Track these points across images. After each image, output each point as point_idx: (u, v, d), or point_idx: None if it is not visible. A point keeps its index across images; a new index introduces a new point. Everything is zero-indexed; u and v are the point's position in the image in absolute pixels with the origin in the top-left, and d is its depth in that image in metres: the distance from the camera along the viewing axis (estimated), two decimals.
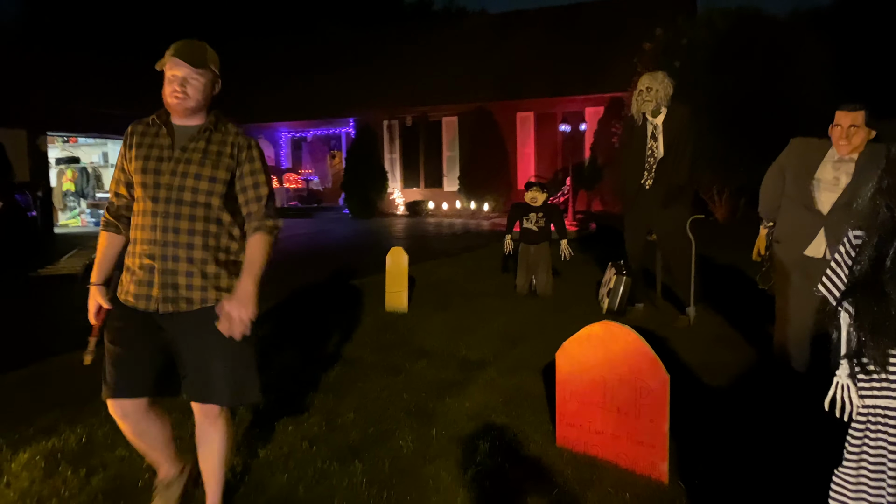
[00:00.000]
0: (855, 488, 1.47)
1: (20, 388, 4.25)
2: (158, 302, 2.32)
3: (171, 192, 2.32)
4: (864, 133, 3.78)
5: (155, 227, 2.31)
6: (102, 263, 2.45)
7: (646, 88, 5.58)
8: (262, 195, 2.44)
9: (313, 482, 2.92)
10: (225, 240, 2.41)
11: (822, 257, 3.94)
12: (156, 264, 2.32)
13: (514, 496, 2.82)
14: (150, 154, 2.36)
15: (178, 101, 2.33)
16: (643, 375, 2.98)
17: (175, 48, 2.34)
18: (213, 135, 2.41)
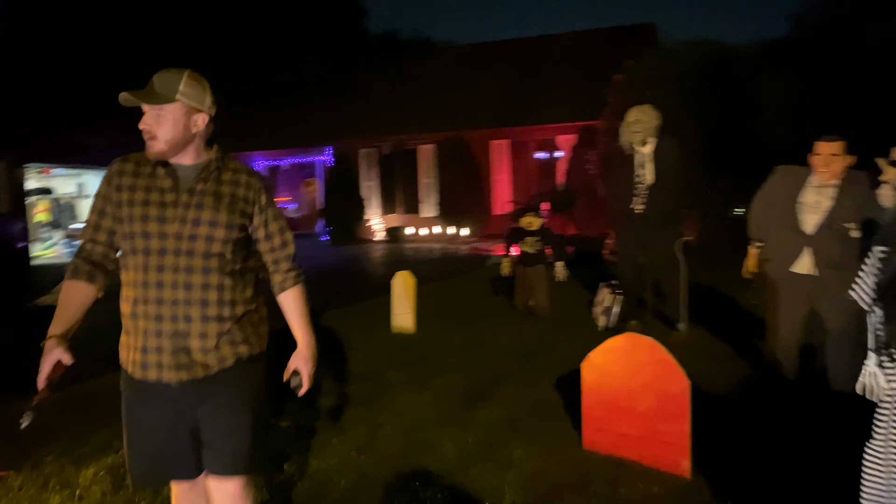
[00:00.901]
0: (884, 457, 1.82)
1: (63, 411, 4.42)
2: (171, 370, 2.03)
3: (181, 242, 2.02)
4: (842, 160, 4.22)
5: (162, 284, 2.01)
6: (66, 314, 2.05)
7: (634, 121, 6.02)
8: (288, 242, 2.25)
9: (370, 486, 3.19)
10: (240, 292, 2.14)
11: (807, 274, 4.36)
12: (164, 327, 2.02)
13: (553, 493, 3.12)
14: (150, 199, 2.04)
15: (149, 144, 2.07)
16: (665, 382, 3.33)
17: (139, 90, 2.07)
18: (223, 174, 2.14)
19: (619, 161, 6.17)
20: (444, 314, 7.24)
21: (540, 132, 18.47)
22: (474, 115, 18.87)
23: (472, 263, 12.86)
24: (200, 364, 2.06)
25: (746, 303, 5.11)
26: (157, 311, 2.01)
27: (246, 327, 2.15)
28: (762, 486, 3.08)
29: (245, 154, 21.80)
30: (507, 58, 21.14)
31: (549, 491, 3.13)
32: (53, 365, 1.99)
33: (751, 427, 3.80)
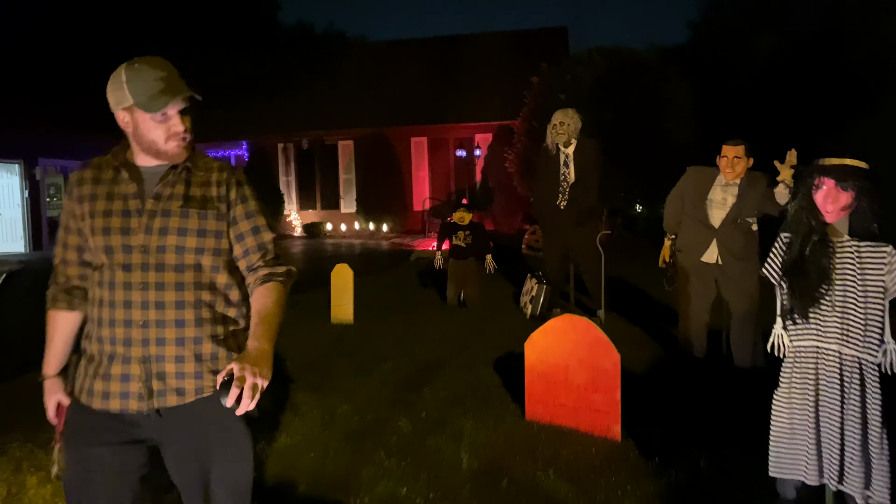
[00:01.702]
0: (787, 401, 2.25)
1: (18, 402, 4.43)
2: (139, 399, 1.78)
3: (149, 255, 1.79)
4: (745, 162, 4.79)
5: (130, 304, 1.78)
6: (55, 349, 1.91)
7: (559, 123, 6.49)
8: (264, 241, 1.93)
9: (337, 457, 3.46)
10: (221, 308, 1.89)
11: (714, 262, 4.92)
12: (133, 352, 1.78)
13: (503, 458, 3.47)
14: (112, 208, 1.82)
15: (182, 145, 1.86)
16: (598, 357, 3.75)
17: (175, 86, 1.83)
18: (193, 174, 1.89)
19: (545, 161, 6.63)
20: (379, 306, 7.50)
21: (458, 130, 18.95)
22: (393, 112, 19.13)
23: (396, 258, 13.14)
24: (174, 390, 1.80)
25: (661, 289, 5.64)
26: (125, 334, 1.77)
27: (231, 349, 1.88)
28: (681, 444, 3.54)
29: None
30: (424, 56, 21.49)
31: (499, 456, 3.49)
32: (56, 405, 1.90)
33: (668, 397, 4.30)
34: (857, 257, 2.18)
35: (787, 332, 2.26)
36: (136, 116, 1.81)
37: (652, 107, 13.59)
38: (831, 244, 2.19)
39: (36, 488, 3.20)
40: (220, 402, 1.60)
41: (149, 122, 1.80)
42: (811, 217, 2.20)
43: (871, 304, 2.16)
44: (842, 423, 2.17)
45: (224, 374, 1.63)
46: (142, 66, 1.80)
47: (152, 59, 1.84)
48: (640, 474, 3.26)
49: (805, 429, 2.22)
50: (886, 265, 2.16)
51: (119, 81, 1.80)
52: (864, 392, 2.16)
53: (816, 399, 2.21)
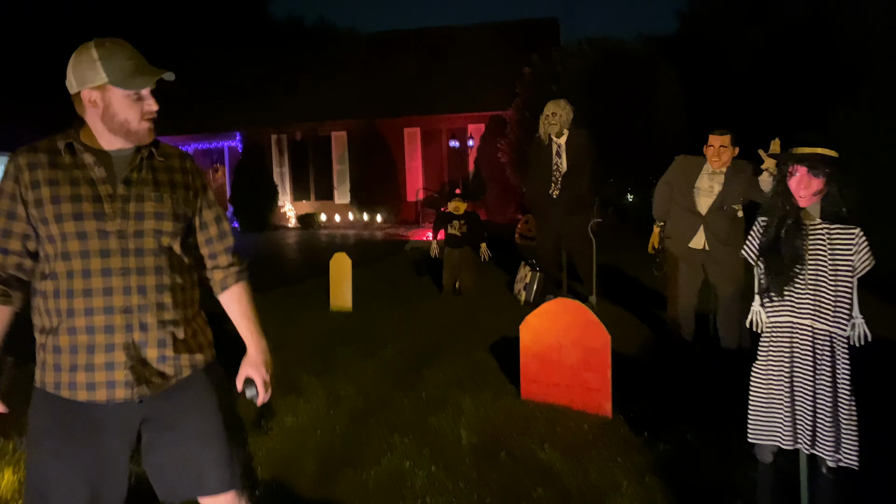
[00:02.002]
0: (765, 374, 2.44)
1: None
2: (126, 387, 1.77)
3: (127, 240, 1.78)
4: (731, 151, 4.98)
5: (111, 290, 1.76)
6: None
7: (551, 114, 6.67)
8: (226, 231, 2.03)
9: (343, 436, 3.64)
10: (189, 290, 1.93)
11: (701, 248, 5.11)
12: (116, 339, 1.76)
13: (501, 434, 3.66)
14: (80, 193, 1.77)
15: (151, 126, 1.86)
16: (590, 337, 3.94)
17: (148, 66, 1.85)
18: (156, 160, 1.90)
19: (538, 151, 6.80)
20: (377, 294, 7.67)
21: (451, 121, 19.08)
22: (386, 103, 19.22)
23: (391, 248, 13.30)
24: (158, 374, 1.82)
25: (651, 275, 5.84)
26: (105, 321, 1.75)
27: (198, 332, 1.95)
28: (669, 420, 3.74)
29: None
30: (416, 47, 21.55)
31: (497, 432, 3.68)
32: None
33: (657, 376, 4.50)
34: (828, 239, 2.36)
35: (765, 308, 2.45)
36: (108, 95, 1.78)
37: (641, 97, 13.77)
38: (804, 227, 2.38)
39: None
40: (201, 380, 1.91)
41: (122, 101, 1.78)
42: (786, 202, 2.38)
43: (841, 282, 2.34)
44: (814, 392, 2.36)
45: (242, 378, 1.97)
46: (113, 46, 1.79)
47: (117, 40, 1.82)
48: (630, 447, 3.45)
49: (780, 398, 2.41)
50: (854, 246, 2.34)
51: (90, 59, 1.76)
52: (834, 363, 2.35)
53: (791, 370, 2.40)
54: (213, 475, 1.89)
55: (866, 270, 2.35)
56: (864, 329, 2.35)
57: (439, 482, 3.10)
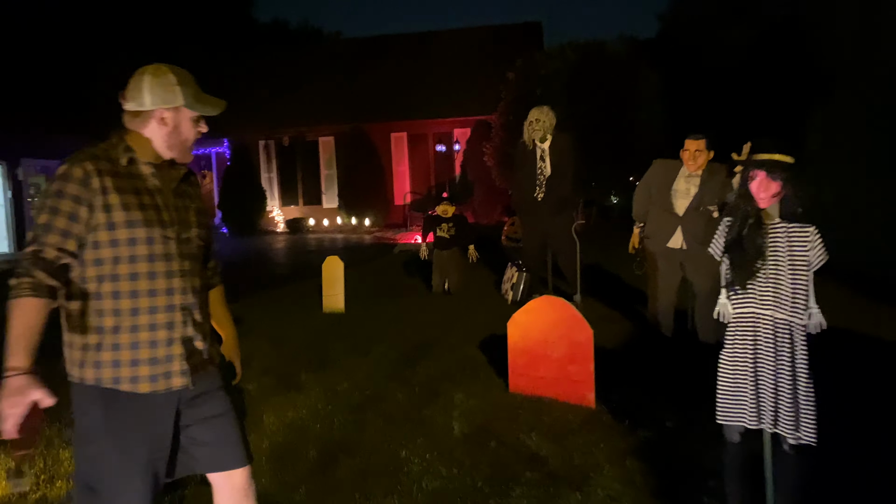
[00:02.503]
0: (731, 360, 2.67)
1: None
2: (182, 375, 1.96)
3: (182, 245, 1.99)
4: (706, 155, 5.23)
5: (172, 291, 1.95)
6: (31, 341, 1.75)
7: (535, 120, 6.90)
8: (212, 240, 2.23)
9: (342, 427, 3.84)
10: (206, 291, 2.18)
11: (679, 247, 5.36)
12: (175, 333, 1.95)
13: (490, 424, 3.88)
14: (145, 202, 1.93)
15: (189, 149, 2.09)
16: (574, 332, 4.17)
17: (207, 97, 2.10)
18: (188, 174, 2.12)
19: (523, 156, 7.04)
20: (368, 295, 7.88)
21: (437, 125, 19.32)
22: (373, 108, 19.43)
23: (379, 251, 13.49)
24: (202, 363, 2.04)
25: (632, 274, 6.09)
26: (167, 318, 1.93)
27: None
28: (648, 408, 3.98)
29: None
30: (401, 52, 21.78)
31: (487, 422, 3.89)
32: (30, 408, 1.70)
33: (638, 369, 4.74)
34: (786, 236, 2.60)
35: (730, 300, 2.68)
36: (179, 116, 2.00)
37: (623, 100, 14.06)
38: (765, 226, 2.61)
39: (68, 461, 3.52)
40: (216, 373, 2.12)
41: (188, 122, 2.02)
42: (748, 203, 2.61)
43: (798, 275, 2.58)
44: (775, 376, 2.59)
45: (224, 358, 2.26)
46: (184, 72, 2.05)
47: (179, 67, 2.07)
48: (611, 434, 3.68)
49: (745, 381, 2.64)
50: (810, 243, 2.58)
51: (170, 83, 1.99)
52: (793, 349, 2.58)
53: (755, 356, 2.63)
54: (236, 451, 2.09)
55: (821, 264, 2.59)
56: (820, 318, 2.59)
57: (434, 468, 3.31)
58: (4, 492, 3.20)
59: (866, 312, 6.26)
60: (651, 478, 3.17)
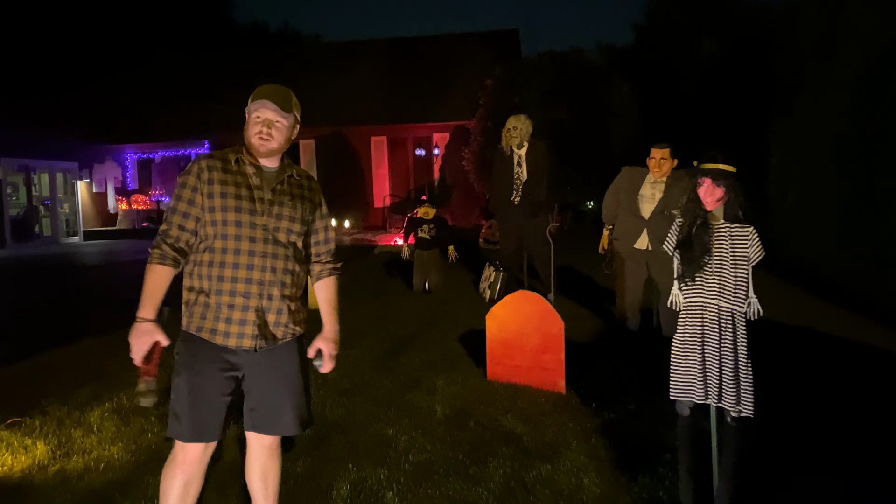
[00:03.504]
0: (682, 342, 3.05)
1: (37, 376, 5.02)
2: (252, 338, 2.35)
3: (268, 232, 2.37)
4: (670, 162, 5.65)
5: (252, 266, 2.34)
6: (156, 298, 2.28)
7: (512, 127, 7.28)
8: (331, 238, 2.64)
9: (333, 408, 4.18)
10: (301, 277, 2.51)
11: (645, 248, 5.77)
12: (251, 302, 2.34)
13: (470, 407, 4.23)
14: (241, 193, 2.36)
15: (263, 142, 2.39)
16: (547, 324, 4.55)
17: (264, 91, 2.44)
18: (294, 179, 2.51)
19: (500, 161, 7.42)
20: (351, 294, 8.18)
21: (417, 130, 19.68)
22: (354, 112, 19.73)
23: (359, 252, 13.79)
24: (272, 335, 2.38)
25: (603, 275, 6.48)
26: (245, 288, 2.32)
27: (301, 309, 2.53)
28: (614, 394, 4.36)
29: (117, 147, 21.37)
30: (381, 57, 22.10)
31: (466, 406, 4.25)
32: (152, 346, 2.23)
33: (605, 360, 5.13)
34: (729, 236, 2.99)
35: (681, 291, 3.07)
36: (248, 118, 2.48)
37: (598, 108, 14.53)
38: (711, 226, 3.00)
39: (81, 439, 3.82)
40: (292, 346, 2.48)
41: (250, 121, 2.48)
42: (696, 206, 3.00)
43: (740, 269, 2.97)
44: (720, 356, 2.97)
45: (315, 349, 2.53)
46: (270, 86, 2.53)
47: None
48: (580, 416, 4.06)
49: (694, 361, 3.02)
50: (749, 241, 2.97)
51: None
52: (735, 333, 2.97)
53: (702, 339, 3.01)
54: (290, 420, 2.47)
55: (759, 260, 2.99)
56: (757, 307, 2.98)
57: (419, 444, 3.66)
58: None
59: (817, 310, 6.73)
60: (614, 452, 3.54)
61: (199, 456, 2.40)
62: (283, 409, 2.45)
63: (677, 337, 3.10)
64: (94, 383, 4.75)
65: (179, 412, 2.34)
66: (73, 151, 19.81)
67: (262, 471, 2.55)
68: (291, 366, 2.48)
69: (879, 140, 6.97)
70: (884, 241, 6.76)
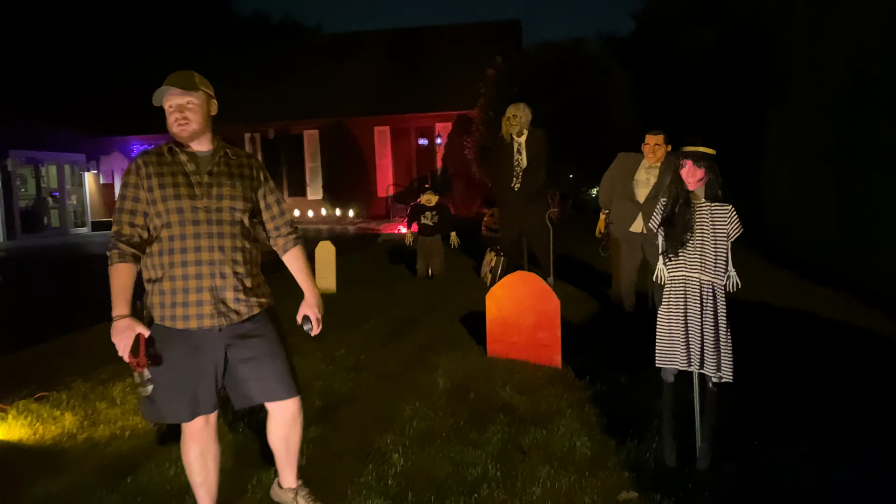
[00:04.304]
0: (667, 314, 3.28)
1: (58, 356, 5.28)
2: (211, 318, 2.44)
3: (211, 213, 2.45)
4: (664, 148, 5.85)
5: (200, 248, 2.43)
6: (126, 294, 2.36)
7: (512, 115, 7.49)
8: (286, 210, 2.76)
9: (341, 383, 4.42)
10: (255, 253, 2.60)
11: (640, 232, 5.99)
12: (204, 283, 2.43)
13: (470, 381, 4.47)
14: (178, 181, 2.44)
15: (182, 127, 2.46)
16: (543, 303, 4.78)
17: (167, 80, 2.49)
18: (230, 158, 2.59)
19: (500, 149, 7.63)
20: (357, 279, 8.44)
21: (419, 120, 19.87)
22: (357, 102, 19.92)
23: (363, 241, 14.04)
24: (234, 311, 2.48)
25: (600, 260, 6.70)
26: (196, 271, 2.42)
27: (261, 284, 2.63)
28: (607, 369, 4.59)
29: (123, 138, 21.61)
30: (384, 47, 22.27)
31: (467, 380, 4.49)
32: (135, 338, 2.31)
33: (600, 338, 5.36)
34: (710, 213, 3.21)
35: (666, 266, 3.30)
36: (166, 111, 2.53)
37: (597, 98, 14.69)
38: (692, 205, 3.22)
39: (106, 410, 4.07)
40: (264, 318, 2.60)
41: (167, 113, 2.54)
42: (679, 187, 3.22)
43: (719, 245, 3.19)
44: (702, 326, 3.20)
45: (301, 315, 2.71)
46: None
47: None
48: (574, 388, 4.30)
49: (677, 331, 3.25)
50: (728, 218, 3.19)
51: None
52: (715, 304, 3.19)
53: (685, 310, 3.24)
54: (281, 385, 2.59)
55: (737, 236, 3.21)
56: (736, 279, 3.21)
57: (422, 413, 3.90)
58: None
59: (808, 293, 6.95)
60: (604, 419, 3.78)
61: (203, 427, 2.57)
62: (267, 377, 2.55)
63: (662, 308, 3.32)
64: (113, 363, 4.98)
65: (153, 396, 2.45)
66: (80, 143, 20.09)
67: (285, 435, 2.71)
68: (266, 336, 2.58)
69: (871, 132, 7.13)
70: (875, 227, 6.95)
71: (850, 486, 2.95)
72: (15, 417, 3.96)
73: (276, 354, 2.59)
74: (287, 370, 2.63)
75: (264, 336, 2.58)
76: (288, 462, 2.78)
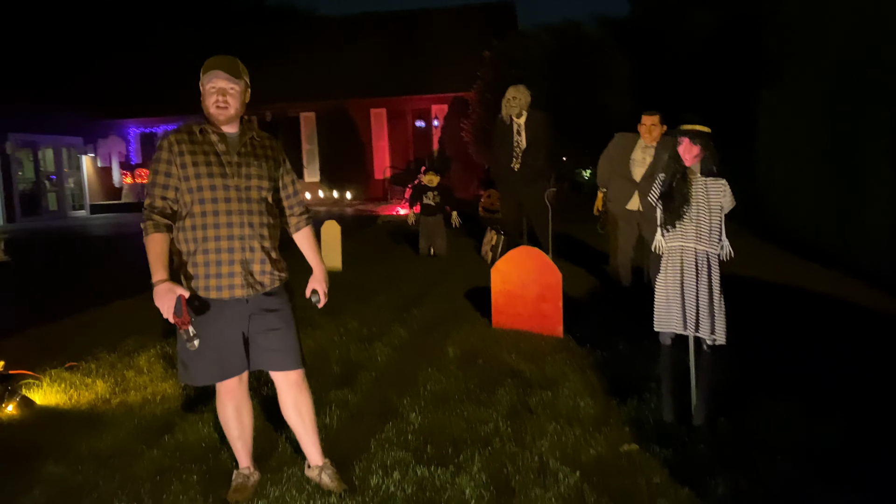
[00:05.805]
0: (664, 281, 3.52)
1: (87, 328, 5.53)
2: (240, 288, 2.61)
3: (241, 192, 2.62)
4: (660, 128, 6.08)
5: (231, 224, 2.60)
6: (164, 261, 2.51)
7: (512, 97, 7.69)
8: (299, 191, 2.93)
9: (356, 352, 4.67)
10: (277, 229, 2.77)
11: (637, 210, 6.23)
12: (235, 256, 2.60)
13: (478, 349, 4.72)
14: (211, 160, 2.60)
15: (220, 110, 2.61)
16: (546, 276, 5.03)
17: (214, 62, 2.63)
18: (255, 140, 2.75)
19: (500, 130, 7.84)
20: (361, 259, 8.68)
21: (416, 102, 20.01)
22: (353, 85, 20.02)
23: (362, 223, 14.24)
24: (259, 283, 2.65)
25: (599, 240, 6.94)
26: (228, 245, 2.59)
27: (281, 258, 2.77)
28: (607, 337, 4.85)
29: (119, 121, 21.67)
30: (380, 30, 22.32)
31: (475, 348, 4.74)
32: (177, 298, 2.45)
33: (599, 310, 5.62)
34: (705, 188, 3.44)
35: (664, 237, 3.54)
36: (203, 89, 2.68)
37: (594, 79, 14.87)
38: (689, 180, 3.45)
39: (134, 378, 4.31)
40: (283, 292, 2.76)
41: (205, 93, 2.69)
42: (676, 162, 3.45)
43: (714, 217, 3.43)
44: (696, 292, 3.45)
45: (310, 289, 2.86)
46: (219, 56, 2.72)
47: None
48: (577, 355, 4.55)
49: (675, 297, 3.49)
50: (723, 192, 3.43)
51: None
52: (710, 272, 3.44)
53: (682, 278, 3.48)
54: (289, 357, 2.76)
55: (730, 209, 3.46)
56: (729, 249, 3.45)
57: (435, 377, 4.15)
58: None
59: (798, 267, 7.22)
60: (606, 382, 4.04)
61: (237, 385, 2.78)
62: (279, 349, 2.71)
63: (660, 276, 3.57)
64: (136, 335, 5.23)
65: (186, 361, 2.66)
66: (78, 126, 20.14)
67: (295, 405, 2.82)
68: (283, 310, 2.74)
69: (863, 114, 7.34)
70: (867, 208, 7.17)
71: (834, 438, 3.21)
72: (49, 385, 4.18)
73: (290, 329, 2.77)
74: (296, 344, 2.79)
75: (281, 310, 2.75)
76: (308, 437, 2.88)
